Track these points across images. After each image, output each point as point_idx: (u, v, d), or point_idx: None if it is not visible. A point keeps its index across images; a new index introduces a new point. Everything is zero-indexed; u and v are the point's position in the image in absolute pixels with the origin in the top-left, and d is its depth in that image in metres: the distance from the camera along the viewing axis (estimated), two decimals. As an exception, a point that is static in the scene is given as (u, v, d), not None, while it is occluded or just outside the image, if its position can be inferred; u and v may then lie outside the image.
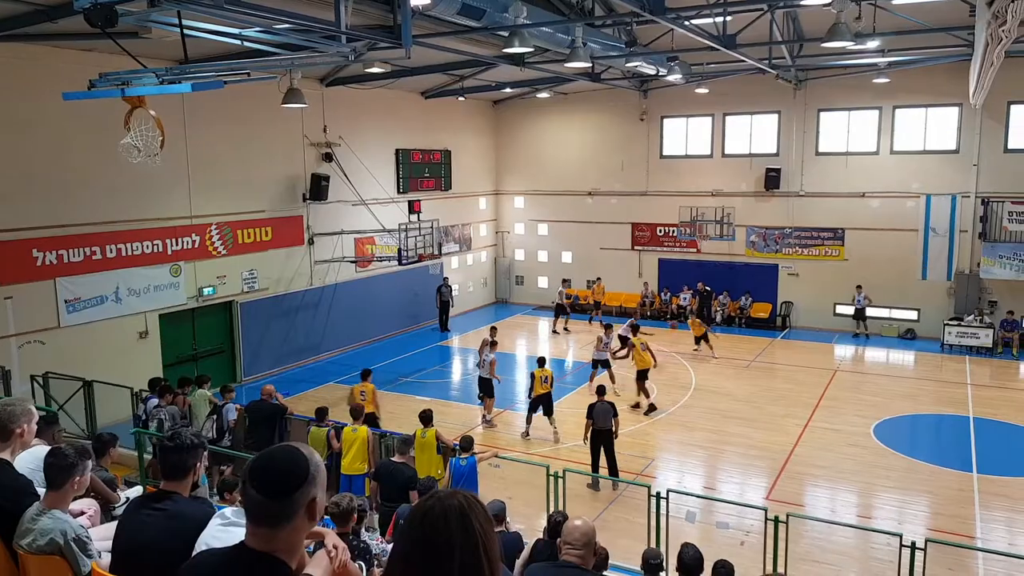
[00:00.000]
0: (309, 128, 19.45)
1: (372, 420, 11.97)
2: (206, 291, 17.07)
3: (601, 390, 12.34)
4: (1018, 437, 14.41)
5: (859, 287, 22.18)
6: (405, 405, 15.79)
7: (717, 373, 18.88)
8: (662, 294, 25.46)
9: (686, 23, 14.32)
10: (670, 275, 25.48)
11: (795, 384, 17.81)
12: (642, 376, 15.81)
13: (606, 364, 16.60)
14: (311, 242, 19.85)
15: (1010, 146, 20.85)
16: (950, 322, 21.10)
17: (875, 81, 20.86)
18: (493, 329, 17.60)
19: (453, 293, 24.75)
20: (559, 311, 23.71)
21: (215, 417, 11.56)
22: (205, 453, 3.57)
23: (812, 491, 12.53)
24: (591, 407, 12.08)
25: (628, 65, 19.21)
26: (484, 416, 15.11)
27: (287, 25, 9.70)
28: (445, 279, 24.49)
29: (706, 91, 22.57)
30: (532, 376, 14.07)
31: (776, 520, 8.14)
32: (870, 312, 22.33)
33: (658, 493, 8.76)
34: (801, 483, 12.63)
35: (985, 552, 9.68)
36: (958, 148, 21.42)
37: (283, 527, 2.05)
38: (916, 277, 21.93)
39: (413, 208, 21.99)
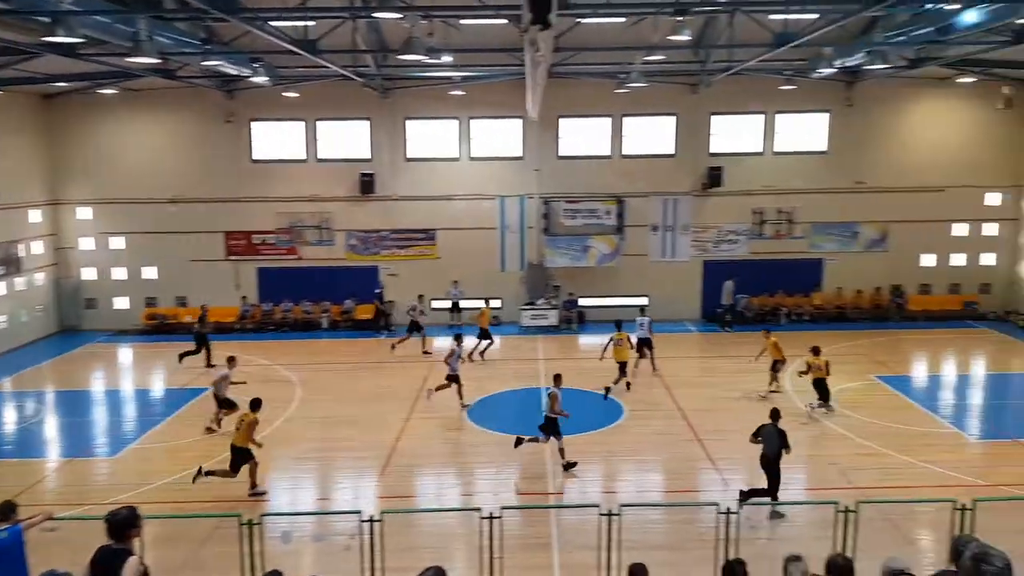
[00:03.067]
0: None
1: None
2: None
3: (775, 413, 11.38)
4: (579, 400, 16.96)
5: (455, 282, 24.10)
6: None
7: (320, 380, 18.83)
8: (264, 305, 24.45)
9: (266, 24, 13.75)
10: (271, 285, 24.59)
11: (397, 380, 18.57)
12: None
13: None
14: None
15: (561, 153, 24.64)
16: (525, 307, 24.28)
17: (452, 93, 22.85)
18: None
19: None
20: (414, 328, 21.30)
21: None
22: None
23: (419, 481, 13.13)
24: (759, 428, 11.35)
25: (206, 64, 17.89)
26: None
27: None
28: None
29: (296, 95, 22.22)
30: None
31: (372, 520, 8.22)
32: (463, 304, 24.46)
33: (250, 520, 8.17)
34: (408, 476, 13.15)
35: (551, 508, 11.21)
36: (523, 155, 24.63)
37: None
38: (497, 269, 24.68)
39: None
